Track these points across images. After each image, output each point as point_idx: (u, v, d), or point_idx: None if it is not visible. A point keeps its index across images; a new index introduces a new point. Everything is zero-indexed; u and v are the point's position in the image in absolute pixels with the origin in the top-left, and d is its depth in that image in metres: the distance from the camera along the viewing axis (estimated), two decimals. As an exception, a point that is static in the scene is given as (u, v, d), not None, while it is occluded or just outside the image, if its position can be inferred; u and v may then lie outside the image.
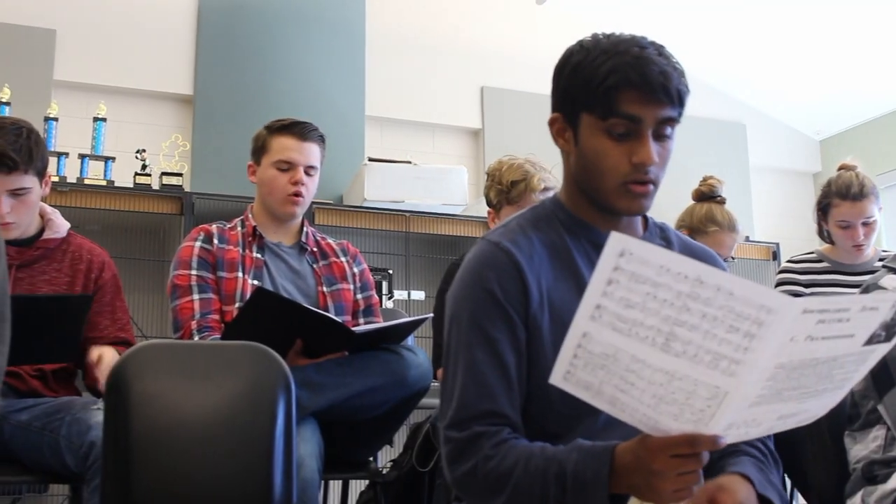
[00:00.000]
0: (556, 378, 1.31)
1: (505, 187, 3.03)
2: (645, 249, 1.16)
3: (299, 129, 2.86)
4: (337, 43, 5.50)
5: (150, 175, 4.53)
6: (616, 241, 1.17)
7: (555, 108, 1.66)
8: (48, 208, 2.79)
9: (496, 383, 1.54)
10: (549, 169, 3.11)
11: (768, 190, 6.82)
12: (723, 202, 3.58)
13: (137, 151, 4.56)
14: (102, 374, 2.43)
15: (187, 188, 4.67)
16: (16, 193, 2.57)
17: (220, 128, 5.11)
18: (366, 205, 4.79)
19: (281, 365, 1.93)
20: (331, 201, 4.93)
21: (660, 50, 1.56)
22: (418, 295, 4.76)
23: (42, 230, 2.74)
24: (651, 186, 1.57)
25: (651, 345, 1.19)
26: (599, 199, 1.62)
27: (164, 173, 4.58)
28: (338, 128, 5.13)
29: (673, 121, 1.56)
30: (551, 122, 1.67)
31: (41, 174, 2.64)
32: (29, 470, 2.45)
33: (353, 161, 5.16)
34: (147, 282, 4.47)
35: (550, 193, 3.00)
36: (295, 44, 5.39)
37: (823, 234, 3.56)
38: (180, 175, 4.61)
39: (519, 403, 1.57)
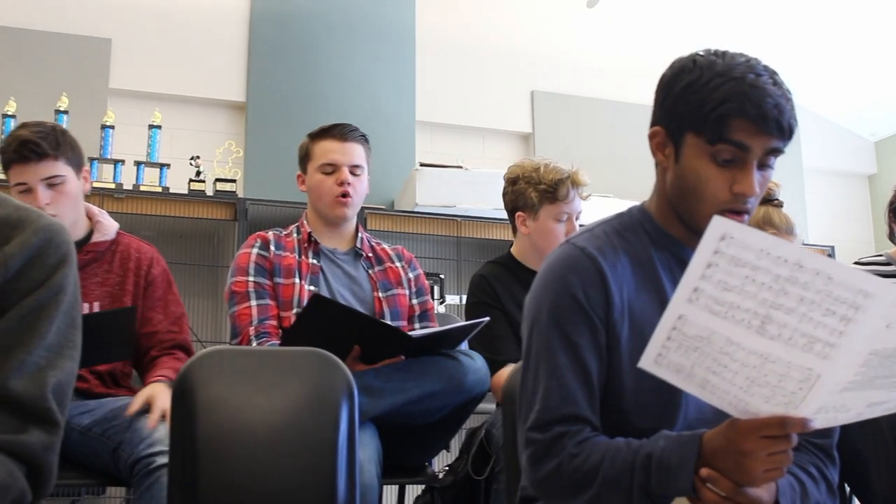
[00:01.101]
0: (647, 362, 1.32)
1: (549, 186, 2.98)
2: (746, 233, 1.17)
3: (339, 131, 2.88)
4: (387, 48, 5.52)
5: (204, 181, 4.58)
6: (718, 225, 1.18)
7: (657, 121, 1.64)
8: (95, 209, 2.84)
9: (578, 388, 1.55)
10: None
11: (822, 192, 6.73)
12: (780, 205, 3.53)
13: (192, 158, 4.61)
14: (154, 420, 2.43)
15: (240, 194, 4.72)
16: (51, 183, 2.63)
17: (273, 134, 5.15)
18: (417, 210, 4.80)
19: (344, 371, 1.94)
20: (382, 206, 4.95)
21: (774, 78, 1.53)
22: (470, 299, 4.75)
23: (91, 232, 2.78)
24: (746, 216, 1.56)
25: (746, 327, 1.20)
26: (691, 221, 1.61)
27: (217, 179, 4.63)
28: (388, 133, 5.16)
29: (779, 152, 1.54)
30: (651, 136, 1.64)
31: (75, 166, 2.69)
32: (89, 473, 2.49)
33: (404, 166, 5.18)
34: (201, 287, 4.51)
35: (586, 191, 3.02)
36: (345, 50, 5.42)
37: (895, 237, 3.49)
38: (234, 181, 4.65)
39: (598, 408, 1.58)
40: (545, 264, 1.69)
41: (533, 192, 3.01)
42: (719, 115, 1.49)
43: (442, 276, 4.67)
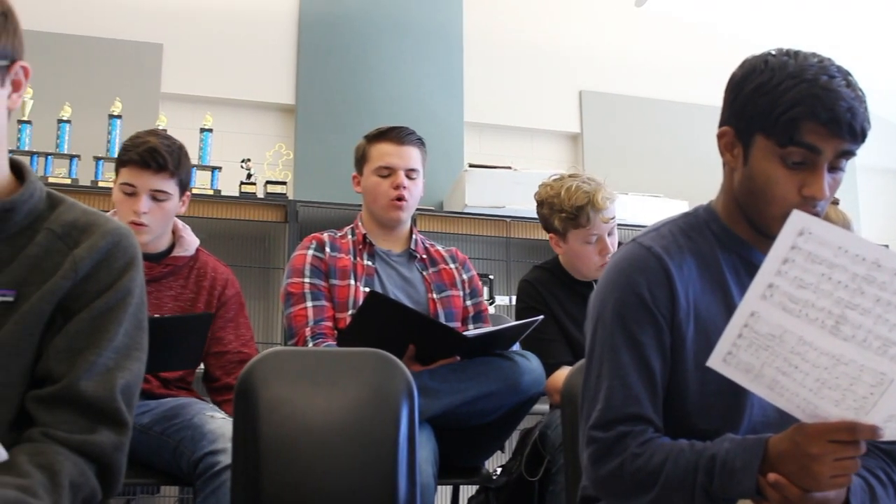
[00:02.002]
0: (716, 360, 1.31)
1: (570, 214, 2.91)
2: (825, 229, 1.16)
3: (396, 134, 2.89)
4: (435, 50, 5.53)
5: (254, 184, 4.62)
6: (797, 220, 1.17)
7: (726, 121, 1.63)
8: (180, 224, 2.86)
9: (641, 388, 1.55)
10: (596, 179, 3.00)
11: (876, 190, 6.63)
12: (836, 203, 3.50)
13: (242, 161, 4.65)
14: None
15: (291, 196, 4.75)
16: (156, 196, 2.66)
17: (322, 136, 5.18)
18: (466, 211, 4.80)
19: (404, 371, 1.95)
20: (431, 207, 4.95)
21: (847, 79, 1.52)
22: (519, 300, 4.74)
23: (172, 246, 2.80)
24: None
25: (820, 327, 1.18)
26: (759, 223, 1.60)
27: (268, 182, 4.67)
28: (437, 134, 5.15)
29: (850, 154, 1.52)
30: (720, 136, 1.64)
31: (183, 187, 2.73)
32: (149, 472, 2.52)
33: (453, 167, 5.18)
34: (252, 289, 4.54)
35: (615, 201, 2.95)
36: (393, 52, 5.44)
37: None
38: (284, 183, 4.68)
39: (661, 408, 1.57)
40: (611, 263, 1.68)
41: (557, 218, 2.96)
42: (790, 118, 1.48)
43: (491, 277, 4.66)
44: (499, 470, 3.00)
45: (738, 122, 1.58)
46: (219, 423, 2.41)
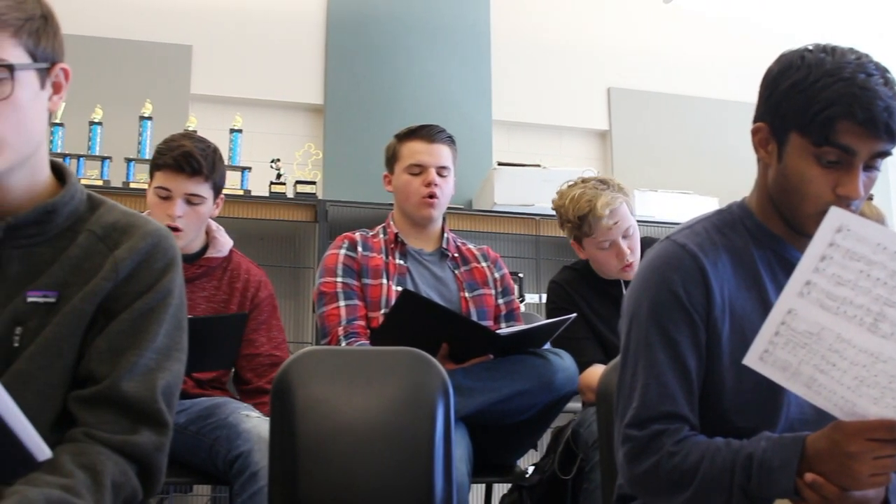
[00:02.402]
0: (752, 358, 1.30)
1: (575, 224, 2.91)
2: (863, 226, 1.15)
3: (426, 132, 2.90)
4: (462, 48, 5.53)
5: (284, 184, 4.63)
6: (835, 217, 1.17)
7: (761, 117, 1.61)
8: (214, 225, 2.87)
9: (677, 386, 1.54)
10: (606, 178, 2.99)
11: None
12: (871, 198, 3.48)
13: (272, 161, 4.67)
14: None
15: (320, 196, 4.75)
16: (191, 200, 2.67)
17: (351, 136, 5.19)
18: (495, 209, 4.80)
19: (439, 370, 1.96)
20: (461, 206, 4.95)
21: (885, 77, 1.50)
22: (549, 298, 4.74)
23: (206, 247, 2.82)
24: None
25: (858, 324, 1.18)
26: (793, 221, 1.60)
27: (298, 182, 4.68)
28: (465, 133, 5.15)
29: (887, 154, 1.51)
30: (754, 132, 1.62)
31: (217, 190, 2.74)
32: (182, 470, 2.53)
33: (482, 166, 5.18)
34: (282, 288, 4.55)
35: (620, 205, 2.91)
36: (421, 51, 5.44)
37: None
38: (314, 183, 4.69)
39: (697, 406, 1.56)
40: (645, 261, 1.68)
41: (566, 228, 2.98)
42: (826, 118, 1.46)
43: (521, 275, 4.66)
44: (531, 468, 3.00)
45: (773, 119, 1.57)
46: (254, 422, 2.42)
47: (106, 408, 1.39)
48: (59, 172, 1.53)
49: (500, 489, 3.27)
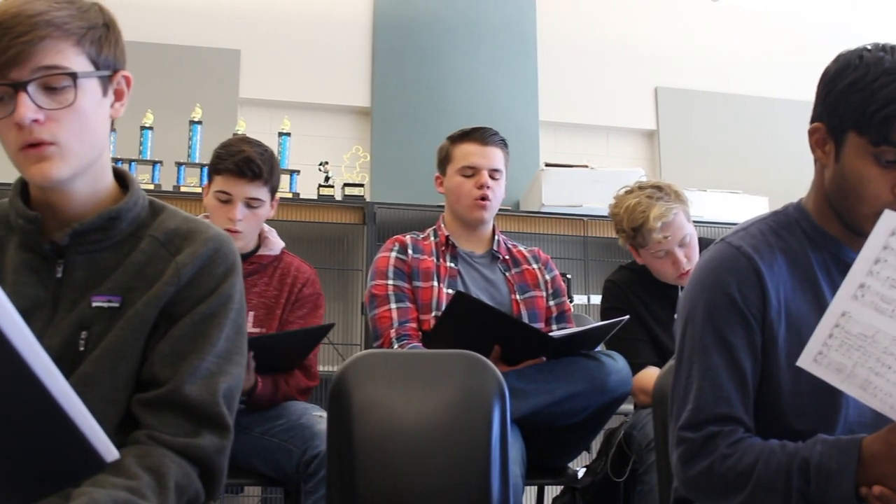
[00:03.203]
0: (806, 360, 1.29)
1: (629, 234, 2.91)
2: None
3: (480, 135, 2.90)
4: (509, 49, 5.52)
5: (332, 186, 4.65)
6: (889, 219, 1.16)
7: (818, 117, 1.60)
8: (266, 227, 2.89)
9: (732, 388, 1.54)
10: (663, 184, 2.95)
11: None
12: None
13: (320, 164, 4.69)
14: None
15: (368, 198, 4.77)
16: (250, 204, 2.70)
17: (398, 138, 5.21)
18: (543, 210, 4.78)
19: (495, 372, 1.96)
20: (509, 207, 4.95)
21: None
22: (598, 299, 4.69)
23: (258, 247, 2.84)
24: None
25: None
26: (851, 221, 1.59)
27: (346, 184, 4.69)
28: (512, 134, 5.11)
29: None
30: (811, 132, 1.61)
31: (273, 192, 2.77)
32: (240, 472, 2.55)
33: (529, 167, 5.18)
34: (331, 290, 4.57)
35: (674, 217, 2.88)
36: (467, 52, 5.45)
37: None
38: (362, 185, 4.71)
39: (752, 409, 1.55)
40: (700, 263, 1.68)
41: (621, 236, 2.98)
42: (885, 117, 1.45)
43: (569, 277, 4.64)
44: (582, 470, 2.99)
45: (831, 119, 1.56)
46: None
47: (169, 411, 1.41)
48: (121, 178, 1.56)
49: (552, 491, 3.27)
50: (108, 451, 1.10)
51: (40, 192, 1.48)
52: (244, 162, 2.65)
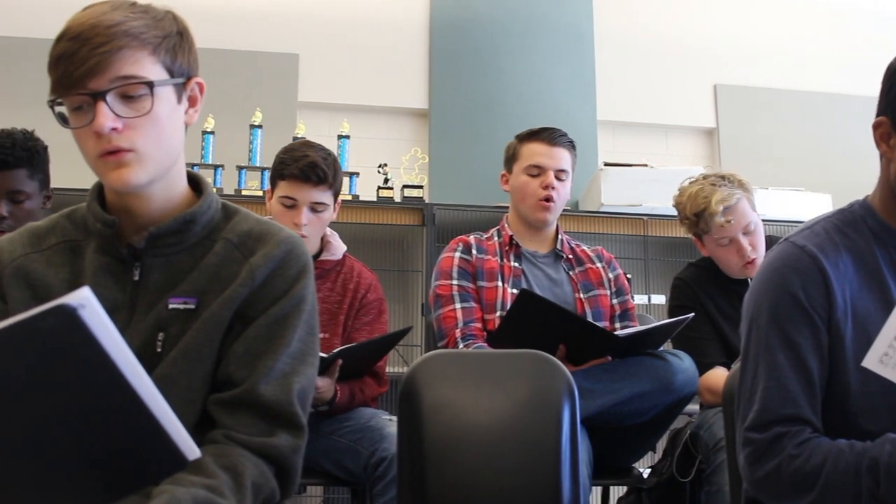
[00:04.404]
0: (872, 361, 1.29)
1: (692, 221, 2.89)
2: None
3: (548, 135, 2.90)
4: (566, 48, 5.51)
5: (392, 188, 4.67)
6: None
7: (882, 112, 1.58)
8: (329, 230, 2.91)
9: (799, 389, 1.53)
10: (727, 174, 2.92)
11: None
12: None
13: (379, 166, 4.71)
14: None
15: (427, 199, 4.78)
16: (315, 208, 2.72)
17: (456, 139, 5.23)
18: (602, 210, 4.76)
19: (564, 372, 1.96)
20: (568, 207, 4.93)
21: None
22: (658, 299, 4.69)
23: (321, 251, 2.86)
24: None
25: None
26: None
27: (405, 186, 4.71)
28: (570, 134, 5.10)
29: None
30: (875, 126, 1.59)
31: (336, 196, 2.79)
32: (309, 471, 2.56)
33: (587, 166, 5.15)
34: (392, 292, 4.59)
35: (737, 202, 2.85)
36: (524, 52, 5.44)
37: None
38: (421, 187, 4.72)
39: (820, 409, 1.54)
40: (764, 262, 1.66)
41: (685, 224, 2.97)
42: None
43: (629, 276, 4.62)
44: (647, 471, 2.98)
45: (895, 113, 1.54)
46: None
47: (244, 411, 1.43)
48: (194, 183, 1.58)
49: (617, 492, 3.26)
50: (191, 449, 1.12)
51: (117, 197, 1.51)
52: (309, 167, 2.67)
